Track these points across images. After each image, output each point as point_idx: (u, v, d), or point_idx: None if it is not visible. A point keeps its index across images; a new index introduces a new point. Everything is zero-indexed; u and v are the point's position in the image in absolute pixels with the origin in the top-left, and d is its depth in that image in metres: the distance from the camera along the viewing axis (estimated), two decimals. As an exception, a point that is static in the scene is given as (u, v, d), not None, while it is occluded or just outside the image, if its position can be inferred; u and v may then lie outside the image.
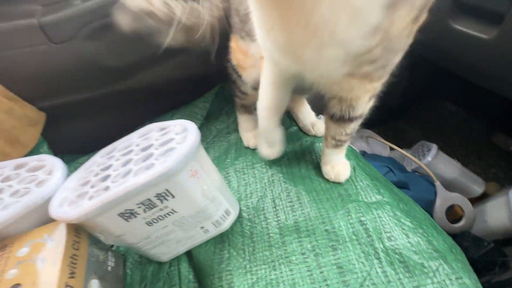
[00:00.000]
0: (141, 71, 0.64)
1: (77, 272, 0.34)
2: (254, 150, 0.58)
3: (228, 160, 0.56)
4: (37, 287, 0.30)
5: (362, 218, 0.41)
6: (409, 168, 0.89)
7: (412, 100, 1.11)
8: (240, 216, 0.47)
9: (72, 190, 0.36)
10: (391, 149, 0.95)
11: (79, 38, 0.52)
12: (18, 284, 0.31)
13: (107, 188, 0.33)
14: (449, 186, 0.83)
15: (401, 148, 1.00)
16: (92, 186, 0.35)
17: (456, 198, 0.77)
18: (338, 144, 0.45)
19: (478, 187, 0.83)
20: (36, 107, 0.58)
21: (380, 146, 0.98)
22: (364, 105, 0.39)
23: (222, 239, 0.45)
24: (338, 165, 0.47)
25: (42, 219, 0.37)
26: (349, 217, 0.42)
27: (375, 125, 1.14)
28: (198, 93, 0.68)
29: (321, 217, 0.43)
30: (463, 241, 0.71)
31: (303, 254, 0.40)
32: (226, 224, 0.44)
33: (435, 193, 0.79)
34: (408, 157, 0.85)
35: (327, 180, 0.48)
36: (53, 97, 0.60)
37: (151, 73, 0.64)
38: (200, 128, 0.64)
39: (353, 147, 0.66)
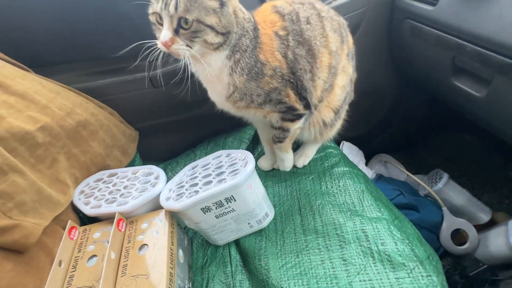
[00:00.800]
0: (205, 104, 0.86)
1: (174, 242, 0.55)
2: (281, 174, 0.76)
3: (267, 175, 0.75)
4: (156, 247, 0.51)
5: (364, 228, 0.57)
6: (422, 193, 1.00)
7: (431, 129, 1.21)
8: (274, 218, 0.65)
9: (173, 191, 0.57)
10: (407, 174, 1.06)
11: (170, 84, 0.75)
12: (146, 244, 0.52)
13: (197, 192, 0.54)
14: (458, 212, 0.93)
15: (419, 173, 1.12)
16: (186, 190, 0.56)
17: (462, 223, 0.87)
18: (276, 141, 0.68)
19: (484, 216, 0.92)
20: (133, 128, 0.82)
21: (397, 170, 1.10)
22: (279, 121, 0.63)
23: (261, 234, 0.63)
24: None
25: (153, 207, 0.59)
26: (355, 226, 0.58)
27: (397, 151, 1.25)
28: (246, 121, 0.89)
29: (333, 224, 0.59)
30: (464, 261, 0.81)
31: (319, 249, 0.56)
32: (265, 223, 0.62)
33: (443, 217, 0.90)
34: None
35: (342, 198, 0.64)
36: (144, 121, 0.85)
37: (212, 105, 0.86)
38: (246, 149, 0.84)
39: (367, 172, 0.81)
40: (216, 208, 0.55)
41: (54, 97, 0.59)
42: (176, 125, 0.90)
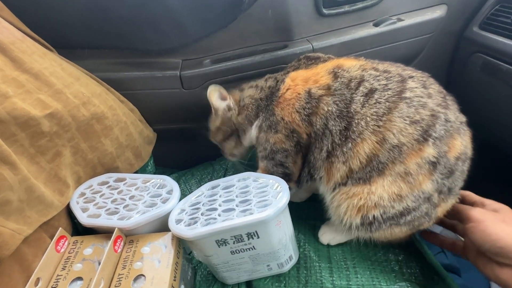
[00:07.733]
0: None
1: (177, 277, 0.44)
2: (314, 207, 0.65)
3: (291, 207, 0.64)
4: (155, 281, 0.41)
5: (413, 299, 0.45)
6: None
7: (479, 179, 1.07)
8: (297, 262, 0.54)
9: (186, 213, 0.47)
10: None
11: (201, 87, 0.67)
12: (142, 275, 0.42)
13: (214, 219, 0.44)
14: (507, 284, 0.78)
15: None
16: (202, 214, 0.46)
17: (514, 301, 0.72)
18: None
19: (542, 295, 0.76)
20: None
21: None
22: None
23: (279, 279, 0.52)
24: None
25: (159, 227, 0.49)
26: (401, 294, 0.46)
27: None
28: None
29: (373, 286, 0.47)
30: None
31: (352, 316, 0.45)
32: (286, 267, 0.51)
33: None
34: (464, 242, 0.83)
35: (384, 254, 0.53)
36: (164, 123, 0.77)
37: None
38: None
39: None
40: (233, 243, 0.45)
41: (72, 82, 0.52)
42: (197, 133, 0.82)
